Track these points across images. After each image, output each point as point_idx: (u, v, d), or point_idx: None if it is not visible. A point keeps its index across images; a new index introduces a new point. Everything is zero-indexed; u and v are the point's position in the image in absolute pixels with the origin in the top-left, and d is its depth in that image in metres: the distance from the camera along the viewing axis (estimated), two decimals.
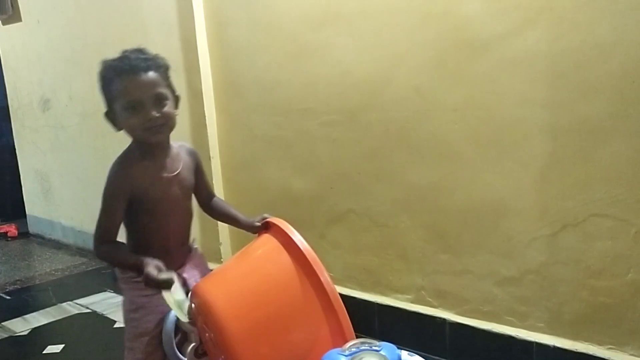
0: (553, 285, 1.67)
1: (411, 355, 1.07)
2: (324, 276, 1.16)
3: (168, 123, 1.27)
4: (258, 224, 1.38)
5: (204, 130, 2.55)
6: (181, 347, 1.37)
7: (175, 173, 1.34)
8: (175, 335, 1.36)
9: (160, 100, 1.25)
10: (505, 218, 1.74)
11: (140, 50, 1.29)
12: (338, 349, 1.07)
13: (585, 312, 1.62)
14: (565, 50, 1.55)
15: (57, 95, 3.63)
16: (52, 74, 3.62)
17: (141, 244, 1.33)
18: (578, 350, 1.62)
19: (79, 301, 2.79)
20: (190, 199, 1.42)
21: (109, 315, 2.57)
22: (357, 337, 1.13)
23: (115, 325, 2.45)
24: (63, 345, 2.30)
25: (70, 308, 2.72)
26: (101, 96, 1.31)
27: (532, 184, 1.67)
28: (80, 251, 3.72)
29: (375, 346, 1.06)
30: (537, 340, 1.71)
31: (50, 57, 3.60)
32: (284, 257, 1.21)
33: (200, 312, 1.23)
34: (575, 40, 1.52)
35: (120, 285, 1.40)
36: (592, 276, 1.59)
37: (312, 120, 2.20)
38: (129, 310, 1.37)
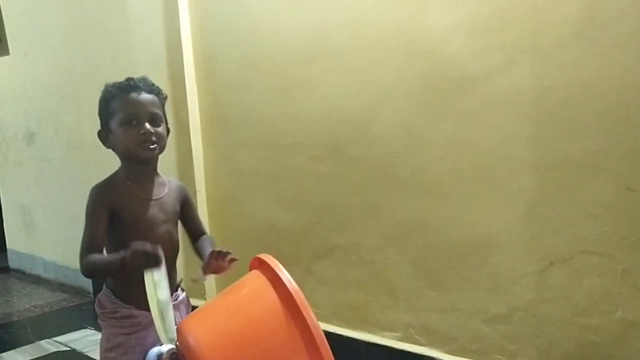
0: (542, 323, 1.65)
1: None
2: (311, 319, 1.13)
3: (160, 143, 1.32)
4: (210, 258, 1.33)
5: (190, 164, 2.53)
6: None
7: (158, 197, 1.36)
8: None
9: (155, 120, 1.32)
10: (493, 254, 1.73)
11: (144, 78, 1.37)
12: None
13: (574, 351, 1.60)
14: (549, 88, 1.57)
15: (42, 128, 3.61)
16: (38, 107, 3.61)
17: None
18: None
19: (57, 339, 2.71)
20: (174, 225, 1.40)
21: (88, 354, 2.49)
22: None
23: None
24: None
25: (49, 346, 2.64)
26: (99, 117, 1.36)
27: (519, 220, 1.67)
28: (61, 286, 3.63)
29: None
30: None
31: (37, 90, 3.59)
32: (271, 296, 1.18)
33: (184, 353, 1.19)
34: (560, 79, 1.55)
35: (100, 322, 1.36)
36: (580, 314, 1.58)
37: (299, 154, 2.20)
38: (106, 348, 1.34)
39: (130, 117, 1.29)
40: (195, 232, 1.48)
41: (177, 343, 1.23)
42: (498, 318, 1.74)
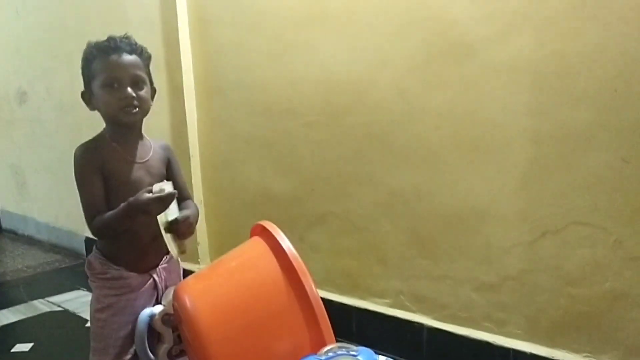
0: (531, 292, 1.67)
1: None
2: (310, 287, 1.13)
3: (143, 106, 1.29)
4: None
5: (184, 128, 2.51)
6: (153, 348, 1.34)
7: (143, 160, 1.34)
8: (148, 335, 1.33)
9: (138, 83, 1.27)
10: (486, 224, 1.74)
11: (127, 37, 1.31)
12: (315, 355, 1.04)
13: (563, 320, 1.62)
14: (549, 57, 1.55)
15: (34, 88, 3.56)
16: (30, 66, 3.55)
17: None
18: (555, 358, 1.62)
19: (50, 299, 2.73)
20: None
21: (81, 314, 2.51)
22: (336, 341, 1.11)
23: (87, 325, 2.38)
24: (32, 344, 2.23)
25: (42, 306, 2.66)
26: (82, 77, 1.31)
27: (513, 190, 1.67)
28: (53, 248, 3.64)
29: (352, 351, 1.04)
30: (514, 347, 1.70)
31: (28, 48, 3.53)
32: (271, 263, 1.18)
33: (180, 316, 1.19)
34: (560, 48, 1.53)
35: (90, 283, 1.36)
36: (570, 284, 1.59)
37: (294, 120, 2.18)
38: (96, 309, 1.33)
39: (111, 81, 1.25)
40: (180, 196, 1.42)
41: (174, 304, 1.23)
42: (488, 287, 1.75)
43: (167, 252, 1.41)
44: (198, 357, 1.13)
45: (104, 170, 1.27)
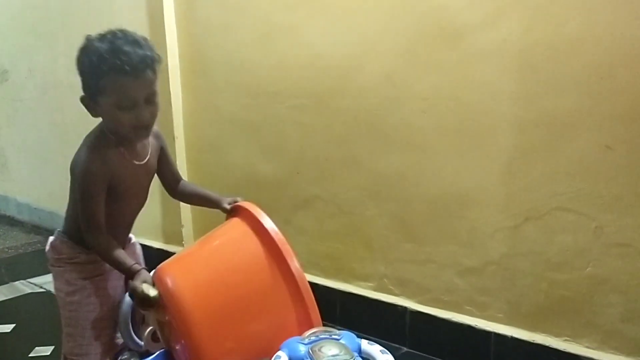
0: (513, 277, 1.69)
1: (371, 345, 1.05)
2: (294, 264, 1.12)
3: (153, 122, 1.23)
4: (228, 206, 1.33)
5: (168, 109, 2.48)
6: (137, 331, 1.34)
7: (145, 160, 1.30)
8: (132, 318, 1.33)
9: (151, 100, 1.19)
10: (470, 209, 1.75)
11: (137, 42, 1.17)
12: (298, 337, 1.05)
13: (543, 304, 1.64)
14: (536, 43, 1.55)
15: (16, 66, 3.49)
16: (12, 44, 3.48)
17: None
18: (535, 342, 1.65)
19: (32, 280, 2.70)
20: (149, 186, 1.37)
21: None
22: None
23: None
24: (14, 325, 2.22)
25: (23, 287, 2.64)
26: (81, 79, 1.20)
27: (498, 175, 1.68)
28: (35, 229, 3.60)
29: (335, 335, 1.04)
30: (495, 331, 1.72)
31: (10, 26, 3.45)
32: (254, 242, 1.17)
33: (164, 297, 1.17)
34: (547, 34, 1.53)
35: (53, 268, 1.32)
36: (552, 269, 1.61)
37: (280, 103, 2.16)
38: (67, 293, 1.29)
39: (125, 103, 1.16)
40: (174, 179, 1.44)
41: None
42: (471, 271, 1.77)
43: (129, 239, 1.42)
44: (182, 336, 1.12)
45: (112, 179, 1.23)
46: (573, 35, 1.49)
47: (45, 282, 2.67)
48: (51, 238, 1.35)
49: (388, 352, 1.01)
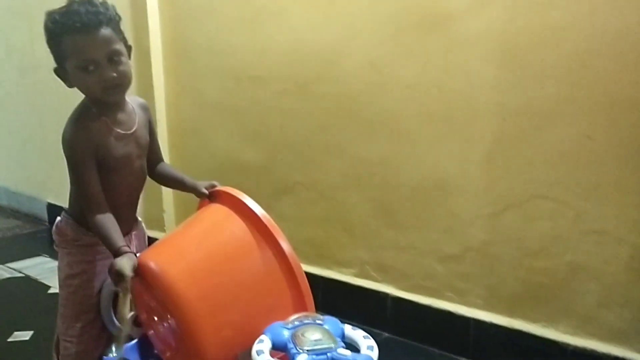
0: (493, 264, 1.71)
1: (354, 329, 1.05)
2: (283, 240, 1.13)
3: (125, 81, 1.21)
4: (205, 190, 1.32)
5: (150, 92, 2.45)
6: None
7: (132, 131, 1.28)
8: (114, 302, 1.31)
9: (114, 58, 1.17)
10: (451, 196, 1.76)
11: (89, 2, 1.17)
12: (281, 322, 1.05)
13: (522, 291, 1.67)
14: (519, 32, 1.56)
15: None
16: None
17: None
18: (513, 327, 1.67)
19: (11, 265, 2.67)
20: (144, 157, 1.35)
21: (43, 281, 2.48)
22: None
23: (49, 291, 2.36)
24: None
25: (2, 272, 2.61)
26: (50, 52, 1.21)
27: (479, 163, 1.69)
28: (14, 213, 3.56)
29: (318, 320, 1.05)
30: (474, 317, 1.75)
31: None
32: (238, 224, 1.16)
33: (145, 281, 1.16)
34: (530, 22, 1.53)
35: (58, 249, 1.32)
36: (530, 256, 1.64)
37: (263, 88, 2.15)
38: (68, 275, 1.30)
39: (86, 63, 1.15)
40: (155, 157, 1.42)
41: (139, 273, 1.19)
42: (451, 257, 1.79)
43: (135, 220, 1.40)
44: (175, 318, 1.11)
45: (98, 150, 1.21)
46: (555, 24, 1.50)
47: (24, 267, 2.65)
48: (58, 219, 1.34)
49: (371, 337, 1.02)
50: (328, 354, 0.96)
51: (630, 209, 1.47)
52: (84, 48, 1.14)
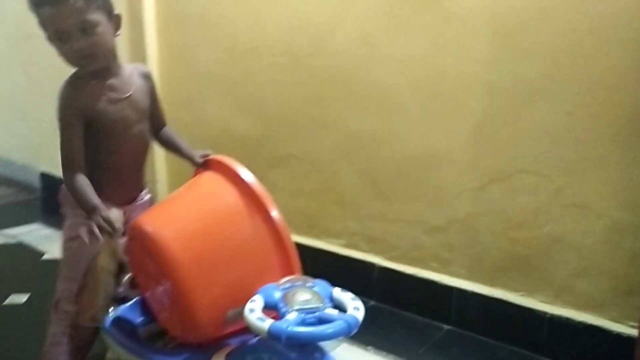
0: (476, 235, 1.77)
1: (343, 292, 1.10)
2: (272, 206, 1.18)
3: (100, 51, 1.22)
4: (199, 159, 1.36)
5: (143, 62, 2.46)
6: (117, 278, 1.36)
7: (127, 95, 1.30)
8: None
9: (87, 29, 1.18)
10: (438, 169, 1.81)
11: None
12: (274, 284, 1.09)
13: (503, 261, 1.73)
14: (509, 10, 1.59)
15: None
16: None
17: (95, 163, 1.29)
18: (494, 296, 1.74)
19: (5, 231, 2.70)
20: (146, 123, 1.38)
21: (37, 247, 2.51)
22: None
23: (44, 257, 2.41)
24: None
25: None
26: None
27: (466, 138, 1.74)
28: (7, 181, 3.57)
29: (309, 282, 1.10)
30: (457, 286, 1.81)
31: None
32: (230, 190, 1.21)
33: (140, 244, 1.21)
34: (520, 1, 1.57)
35: (64, 210, 1.36)
36: (512, 228, 1.69)
37: (257, 60, 2.17)
38: (68, 237, 1.35)
39: (57, 35, 1.18)
40: (158, 122, 1.45)
41: (135, 236, 1.23)
42: (437, 229, 1.84)
43: (141, 190, 1.43)
44: (168, 278, 1.15)
45: (87, 112, 1.24)
46: (544, 5, 1.53)
47: (18, 233, 2.68)
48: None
49: (358, 299, 1.07)
50: (316, 313, 1.01)
51: (609, 184, 1.52)
52: (54, 19, 1.16)
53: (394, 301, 1.96)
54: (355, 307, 1.04)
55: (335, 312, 1.02)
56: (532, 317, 1.67)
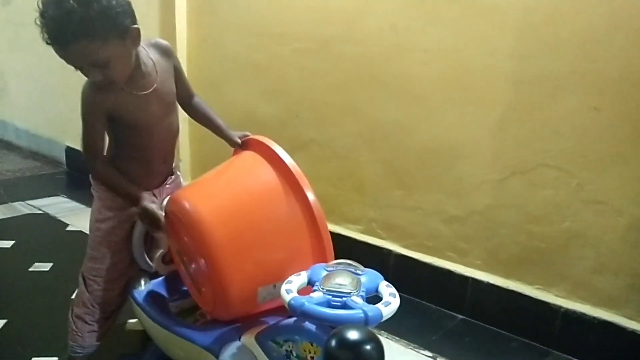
0: (494, 227, 1.78)
1: (388, 286, 1.05)
2: (309, 190, 1.17)
3: (114, 80, 1.17)
4: (238, 140, 1.36)
5: (173, 44, 2.46)
6: (149, 253, 1.40)
7: (151, 89, 1.26)
8: (145, 241, 1.38)
9: (98, 65, 1.12)
10: (460, 160, 1.82)
11: (60, 7, 1.05)
12: (324, 264, 1.08)
13: (520, 254, 1.74)
14: (537, 4, 1.59)
15: None
16: None
17: (122, 154, 1.31)
18: (509, 288, 1.76)
19: (31, 202, 2.77)
20: (173, 112, 1.36)
21: (61, 219, 2.57)
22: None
23: (67, 229, 2.47)
24: (13, 242, 2.30)
25: (22, 207, 2.71)
26: None
27: (489, 130, 1.74)
28: (33, 155, 3.65)
29: (359, 270, 1.07)
30: (473, 276, 1.83)
31: None
32: (267, 170, 1.20)
33: (177, 219, 1.21)
34: None
35: (93, 192, 1.38)
36: (531, 221, 1.70)
37: (284, 45, 2.20)
38: (97, 219, 1.36)
39: (73, 66, 1.14)
40: (187, 94, 1.42)
41: (170, 211, 1.23)
42: (455, 219, 1.86)
43: (172, 173, 1.44)
44: (202, 254, 1.16)
45: (111, 111, 1.23)
46: None
47: (43, 204, 2.75)
48: None
49: (396, 295, 1.02)
50: (343, 298, 0.98)
51: (631, 181, 1.53)
52: (64, 58, 1.12)
53: (409, 289, 1.98)
54: (386, 302, 0.99)
55: (360, 301, 0.98)
56: (546, 310, 1.68)
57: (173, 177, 1.44)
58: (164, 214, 1.24)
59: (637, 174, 1.51)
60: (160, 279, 1.42)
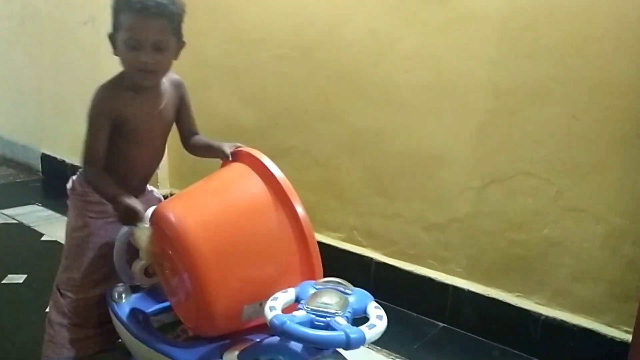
0: (475, 235, 1.78)
1: (376, 308, 1.02)
2: (298, 203, 1.14)
3: (161, 71, 1.26)
4: (228, 151, 1.33)
5: None
6: (131, 266, 1.33)
7: (159, 109, 1.32)
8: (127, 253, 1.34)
9: (159, 48, 1.22)
10: (440, 168, 1.82)
11: None
12: (313, 282, 1.06)
13: (500, 262, 1.74)
14: (517, 12, 1.60)
15: None
16: None
17: (107, 163, 1.29)
18: (490, 295, 1.76)
19: (4, 211, 2.71)
20: (166, 136, 1.39)
21: (36, 228, 2.52)
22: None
23: (42, 238, 2.41)
24: None
25: None
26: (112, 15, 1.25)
27: (469, 138, 1.75)
28: (7, 162, 3.58)
29: (348, 289, 1.04)
30: (453, 284, 1.83)
31: None
32: (255, 182, 1.17)
33: (161, 231, 1.17)
34: (528, 3, 1.58)
35: (69, 201, 1.36)
36: (511, 229, 1.71)
37: (264, 52, 2.18)
38: (73, 228, 1.35)
39: (132, 42, 1.20)
40: (189, 131, 1.44)
41: (155, 223, 1.20)
42: (436, 227, 1.86)
43: (144, 190, 1.42)
44: (186, 268, 1.12)
45: (118, 119, 1.26)
46: (553, 6, 1.54)
47: (18, 213, 2.69)
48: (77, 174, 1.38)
49: (383, 318, 0.99)
50: (327, 319, 0.96)
51: (609, 189, 1.54)
52: (136, 27, 1.19)
53: (390, 297, 1.95)
54: (371, 325, 0.96)
55: (344, 323, 0.95)
56: (527, 318, 1.68)
57: (144, 192, 1.42)
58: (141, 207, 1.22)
59: (615, 181, 1.53)
60: (142, 292, 1.39)
